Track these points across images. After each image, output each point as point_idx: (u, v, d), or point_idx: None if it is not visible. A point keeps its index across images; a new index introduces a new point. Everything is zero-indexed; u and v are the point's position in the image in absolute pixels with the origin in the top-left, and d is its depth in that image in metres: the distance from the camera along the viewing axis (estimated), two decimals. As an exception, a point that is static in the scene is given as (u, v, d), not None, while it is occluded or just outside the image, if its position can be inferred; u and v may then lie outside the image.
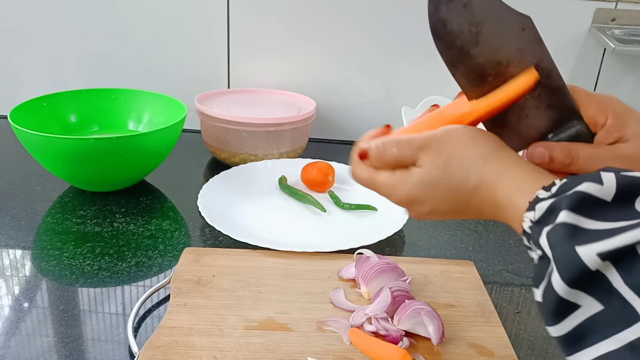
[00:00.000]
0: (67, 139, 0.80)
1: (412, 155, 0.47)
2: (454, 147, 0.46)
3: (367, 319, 0.61)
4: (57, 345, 0.59)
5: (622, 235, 0.33)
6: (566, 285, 0.34)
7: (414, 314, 0.59)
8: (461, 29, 0.47)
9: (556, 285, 0.35)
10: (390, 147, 0.49)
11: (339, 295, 0.66)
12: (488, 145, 0.46)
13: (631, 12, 1.07)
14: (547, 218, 0.38)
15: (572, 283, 0.34)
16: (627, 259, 0.33)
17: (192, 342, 0.57)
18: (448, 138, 0.47)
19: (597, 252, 0.33)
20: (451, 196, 0.46)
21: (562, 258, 0.35)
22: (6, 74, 1.16)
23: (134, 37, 1.12)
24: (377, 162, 0.50)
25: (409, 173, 0.48)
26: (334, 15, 1.09)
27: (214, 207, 0.82)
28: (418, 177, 0.47)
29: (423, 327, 0.59)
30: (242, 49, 1.12)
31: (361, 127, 1.17)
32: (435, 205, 0.47)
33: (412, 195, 0.48)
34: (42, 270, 0.71)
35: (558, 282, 0.35)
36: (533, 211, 0.39)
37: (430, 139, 0.47)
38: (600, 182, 0.36)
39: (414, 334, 0.60)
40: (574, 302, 0.35)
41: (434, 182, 0.46)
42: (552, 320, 0.36)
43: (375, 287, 0.65)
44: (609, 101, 0.49)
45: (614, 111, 0.49)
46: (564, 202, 0.37)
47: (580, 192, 0.36)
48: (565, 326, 0.35)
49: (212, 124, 0.99)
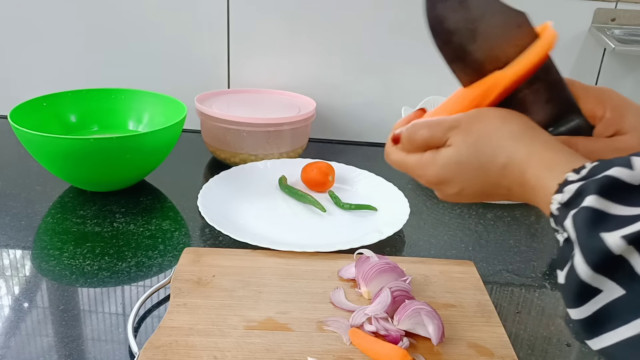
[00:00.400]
0: (67, 139, 0.80)
1: (442, 135, 0.47)
2: (484, 126, 0.46)
3: (367, 319, 0.61)
4: (57, 345, 0.59)
5: None
6: (590, 269, 0.34)
7: (414, 314, 0.59)
8: (458, 26, 0.47)
9: (579, 268, 0.35)
10: (421, 129, 0.49)
11: (339, 295, 0.66)
12: (519, 125, 0.46)
13: (631, 12, 1.07)
14: (574, 201, 0.37)
15: (596, 267, 0.34)
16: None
17: (192, 342, 0.57)
18: (478, 117, 0.47)
19: (621, 235, 0.33)
20: (480, 175, 0.46)
21: (586, 242, 0.35)
22: (6, 74, 1.16)
23: (134, 37, 1.12)
24: (408, 145, 0.50)
25: (438, 153, 0.48)
26: (334, 16, 1.09)
27: (214, 207, 0.82)
28: (447, 156, 0.47)
29: (423, 327, 0.59)
30: (242, 49, 1.12)
31: (361, 127, 1.18)
32: (464, 185, 0.47)
33: (441, 175, 0.48)
34: (42, 270, 0.71)
35: (581, 266, 0.35)
36: (561, 193, 0.39)
37: (461, 119, 0.47)
38: (630, 166, 0.35)
39: (414, 334, 0.60)
40: (595, 287, 0.34)
41: (463, 161, 0.46)
42: (574, 303, 0.36)
43: (375, 287, 0.65)
44: (607, 94, 0.50)
45: (611, 103, 0.49)
46: (592, 186, 0.36)
47: (610, 176, 0.35)
48: (586, 310, 0.35)
49: (212, 124, 0.99)
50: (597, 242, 0.34)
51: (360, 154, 1.12)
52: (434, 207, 0.93)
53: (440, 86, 1.13)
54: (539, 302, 0.71)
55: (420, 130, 0.49)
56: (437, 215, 0.90)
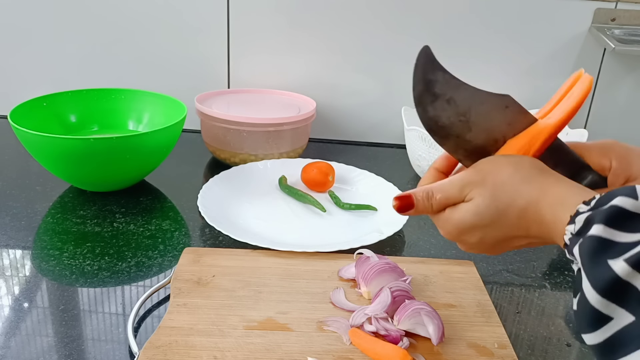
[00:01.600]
0: (67, 139, 0.80)
1: (459, 194, 0.49)
2: (498, 176, 0.48)
3: (367, 319, 0.61)
4: (57, 345, 0.59)
5: None
6: (598, 294, 0.36)
7: (414, 314, 0.59)
8: (451, 121, 0.51)
9: (588, 295, 0.36)
10: (436, 193, 0.50)
11: (339, 295, 0.66)
12: (530, 168, 0.48)
13: (631, 12, 1.07)
14: (584, 230, 0.39)
15: (603, 293, 0.36)
16: None
17: (192, 342, 0.57)
18: (490, 169, 0.49)
19: (624, 259, 0.35)
20: (499, 221, 0.47)
21: (592, 269, 0.37)
22: (6, 74, 1.16)
23: (134, 37, 1.12)
24: (425, 210, 0.51)
25: (456, 208, 0.49)
26: (334, 16, 1.09)
27: (214, 207, 0.82)
28: (466, 209, 0.49)
29: (423, 327, 0.59)
30: (242, 49, 1.12)
31: (361, 127, 1.18)
32: (484, 233, 0.49)
33: (462, 226, 0.49)
34: (42, 270, 0.71)
35: (590, 292, 0.36)
36: (573, 224, 0.41)
37: (471, 173, 0.49)
38: (635, 196, 0.37)
39: (414, 334, 0.60)
40: (606, 314, 0.36)
41: (482, 212, 0.48)
42: (587, 328, 0.37)
43: (375, 287, 0.65)
44: (609, 145, 0.52)
45: (615, 154, 0.51)
46: (598, 216, 0.38)
47: (615, 206, 0.37)
48: (599, 336, 0.36)
49: (212, 124, 0.99)
50: (602, 268, 0.36)
51: (360, 154, 1.12)
52: (434, 207, 0.93)
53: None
54: (539, 302, 0.71)
55: (436, 195, 0.50)
56: (437, 215, 0.90)
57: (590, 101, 1.14)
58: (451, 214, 0.50)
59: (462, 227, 0.49)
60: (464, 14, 1.08)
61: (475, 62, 1.11)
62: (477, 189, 0.48)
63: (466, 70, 1.11)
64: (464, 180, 0.49)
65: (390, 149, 1.16)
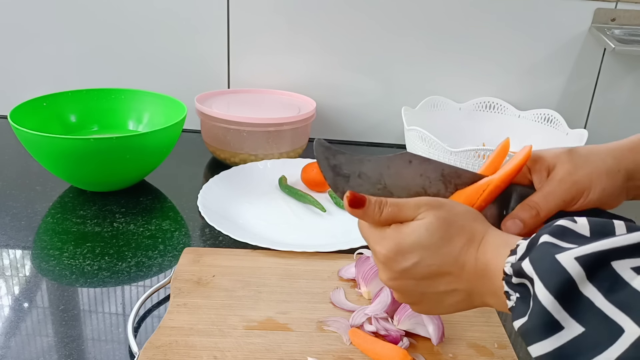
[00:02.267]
0: (67, 139, 0.80)
1: (412, 212, 0.48)
2: (454, 207, 0.49)
3: (367, 319, 0.61)
4: (57, 345, 0.59)
5: (598, 242, 0.36)
6: (551, 295, 0.36)
7: (414, 314, 0.59)
8: (372, 192, 0.53)
9: (541, 296, 0.37)
10: (390, 206, 0.49)
11: (339, 295, 0.66)
12: (477, 213, 0.50)
13: (631, 12, 1.07)
14: (528, 251, 0.40)
15: (556, 292, 0.36)
16: (602, 273, 0.35)
17: (192, 342, 0.57)
18: (447, 202, 0.50)
19: (574, 256, 0.36)
20: (443, 246, 0.47)
21: (544, 267, 0.37)
22: (6, 74, 1.16)
23: (134, 37, 1.12)
24: (373, 217, 0.49)
25: (405, 225, 0.48)
26: (334, 16, 1.09)
27: (214, 207, 0.82)
28: (416, 225, 0.47)
29: (423, 327, 0.59)
30: (242, 49, 1.12)
31: (361, 127, 1.18)
32: (422, 257, 0.47)
33: (403, 243, 0.47)
34: (42, 270, 0.71)
35: (543, 293, 0.37)
36: (515, 255, 0.42)
37: (429, 199, 0.49)
38: (574, 221, 0.40)
39: (414, 334, 0.60)
40: (558, 321, 0.36)
41: (433, 230, 0.47)
42: (537, 337, 0.37)
43: (375, 287, 0.65)
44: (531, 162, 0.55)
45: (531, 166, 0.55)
46: (543, 231, 0.40)
47: (559, 224, 0.40)
48: (548, 345, 0.36)
49: (212, 124, 0.99)
50: (554, 265, 0.36)
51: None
52: (434, 207, 0.93)
53: (440, 86, 1.13)
54: (539, 302, 0.70)
55: (389, 206, 0.49)
56: (437, 215, 0.90)
57: (591, 101, 1.14)
58: (395, 230, 0.48)
59: (402, 244, 0.47)
60: (463, 14, 1.08)
61: (476, 62, 1.11)
62: (433, 210, 0.48)
63: (466, 70, 1.12)
64: (421, 201, 0.49)
65: (390, 149, 1.16)
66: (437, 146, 0.91)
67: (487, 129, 1.11)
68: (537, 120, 1.10)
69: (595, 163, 0.53)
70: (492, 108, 1.13)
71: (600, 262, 0.35)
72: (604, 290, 0.35)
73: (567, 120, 1.05)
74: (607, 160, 0.53)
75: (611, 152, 0.54)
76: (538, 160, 0.54)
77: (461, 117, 1.13)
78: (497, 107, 1.13)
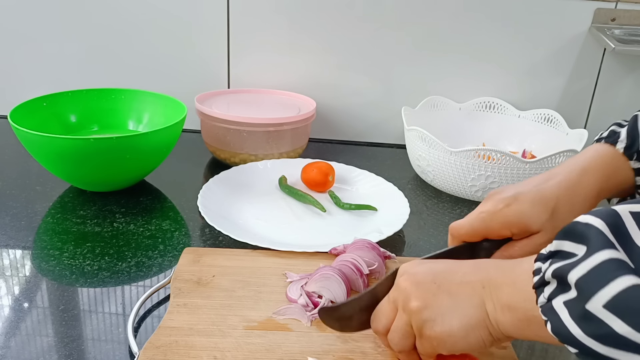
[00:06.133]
0: (67, 139, 0.80)
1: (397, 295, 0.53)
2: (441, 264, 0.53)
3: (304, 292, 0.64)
4: (57, 345, 0.59)
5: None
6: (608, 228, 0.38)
7: (325, 277, 0.65)
8: (363, 327, 0.58)
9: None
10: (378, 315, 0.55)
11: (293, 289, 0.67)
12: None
13: (631, 12, 1.07)
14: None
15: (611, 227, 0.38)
16: None
17: (192, 342, 0.57)
18: (419, 261, 0.55)
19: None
20: (451, 262, 0.51)
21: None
22: (6, 74, 1.16)
23: (134, 37, 1.12)
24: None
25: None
26: (334, 16, 1.09)
27: (214, 207, 0.82)
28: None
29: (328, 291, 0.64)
30: (242, 49, 1.12)
31: (361, 127, 1.18)
32: (435, 263, 0.52)
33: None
34: (42, 270, 0.71)
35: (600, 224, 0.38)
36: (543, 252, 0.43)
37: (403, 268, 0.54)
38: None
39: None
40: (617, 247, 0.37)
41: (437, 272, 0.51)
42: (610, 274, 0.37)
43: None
44: (510, 221, 0.57)
45: (514, 226, 0.57)
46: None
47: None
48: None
49: (212, 124, 0.99)
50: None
51: (360, 154, 1.12)
52: (434, 207, 0.93)
53: (440, 86, 1.13)
54: (539, 302, 0.70)
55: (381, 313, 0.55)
56: (437, 215, 0.90)
57: (591, 101, 1.14)
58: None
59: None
60: (464, 14, 1.08)
61: (476, 62, 1.11)
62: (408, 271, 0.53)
63: (466, 71, 1.12)
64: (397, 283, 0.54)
65: (390, 149, 1.16)
66: (437, 146, 0.91)
67: (487, 129, 1.11)
68: (537, 120, 1.10)
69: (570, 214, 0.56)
70: (492, 108, 1.13)
71: None
72: None
73: (567, 120, 1.05)
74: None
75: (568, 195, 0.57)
76: (524, 229, 0.56)
77: (461, 117, 1.13)
78: (497, 107, 1.13)
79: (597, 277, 0.36)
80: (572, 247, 0.40)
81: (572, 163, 0.60)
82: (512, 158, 0.88)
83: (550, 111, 1.08)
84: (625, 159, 0.58)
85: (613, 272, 0.35)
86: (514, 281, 0.44)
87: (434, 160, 0.93)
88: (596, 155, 0.59)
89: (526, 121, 1.11)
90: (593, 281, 0.36)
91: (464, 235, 0.58)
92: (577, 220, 0.40)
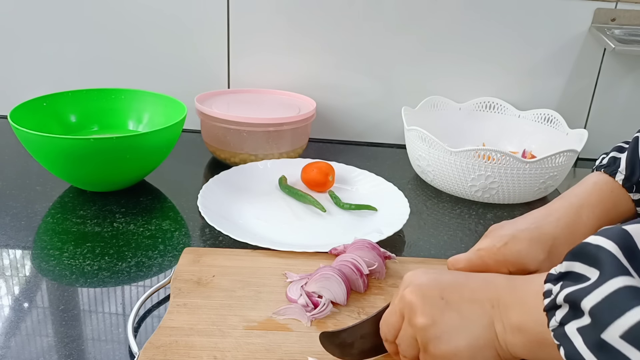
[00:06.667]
0: (67, 139, 0.80)
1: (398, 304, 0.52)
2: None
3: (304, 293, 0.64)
4: (57, 345, 0.59)
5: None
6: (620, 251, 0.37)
7: (324, 277, 0.65)
8: (374, 343, 0.57)
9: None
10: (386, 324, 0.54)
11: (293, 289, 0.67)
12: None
13: (631, 12, 1.07)
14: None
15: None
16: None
17: (192, 342, 0.57)
18: (423, 270, 0.54)
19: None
20: (459, 275, 0.51)
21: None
22: (6, 74, 1.16)
23: (134, 37, 1.12)
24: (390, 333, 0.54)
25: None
26: (334, 16, 1.09)
27: (214, 207, 0.82)
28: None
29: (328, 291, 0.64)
30: (242, 49, 1.12)
31: (361, 127, 1.18)
32: (441, 273, 0.51)
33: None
34: (42, 270, 0.71)
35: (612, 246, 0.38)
36: (553, 273, 0.42)
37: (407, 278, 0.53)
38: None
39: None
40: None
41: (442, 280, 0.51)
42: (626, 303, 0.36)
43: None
44: (505, 258, 0.57)
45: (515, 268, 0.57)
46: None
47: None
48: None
49: (212, 124, 0.99)
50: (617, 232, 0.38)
51: (360, 154, 1.12)
52: (434, 207, 0.93)
53: (440, 86, 1.13)
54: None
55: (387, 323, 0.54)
56: (437, 215, 0.90)
57: (591, 101, 1.14)
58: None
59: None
60: (464, 14, 1.08)
61: (476, 62, 1.11)
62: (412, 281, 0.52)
63: (466, 70, 1.12)
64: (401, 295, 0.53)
65: (390, 149, 1.16)
66: (437, 146, 0.91)
67: (487, 129, 1.11)
68: (537, 120, 1.10)
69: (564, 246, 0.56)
70: (492, 108, 1.13)
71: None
72: None
73: (567, 120, 1.05)
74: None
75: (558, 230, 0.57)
76: (522, 268, 0.56)
77: (461, 117, 1.13)
78: (497, 107, 1.13)
79: (613, 305, 0.35)
80: (584, 269, 0.39)
81: (571, 196, 0.59)
82: (512, 158, 0.88)
83: (550, 111, 1.08)
84: (624, 191, 0.58)
85: (629, 302, 0.34)
86: (524, 301, 0.43)
87: (434, 160, 0.93)
88: (595, 188, 0.58)
89: (526, 121, 1.11)
90: (608, 310, 0.35)
91: (462, 270, 0.58)
92: (587, 241, 0.39)
